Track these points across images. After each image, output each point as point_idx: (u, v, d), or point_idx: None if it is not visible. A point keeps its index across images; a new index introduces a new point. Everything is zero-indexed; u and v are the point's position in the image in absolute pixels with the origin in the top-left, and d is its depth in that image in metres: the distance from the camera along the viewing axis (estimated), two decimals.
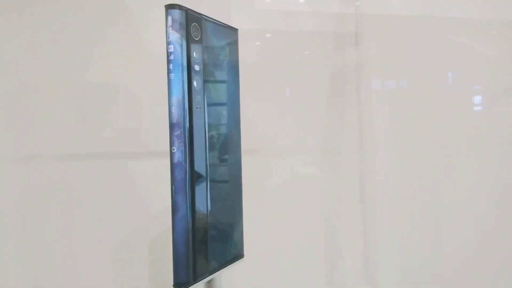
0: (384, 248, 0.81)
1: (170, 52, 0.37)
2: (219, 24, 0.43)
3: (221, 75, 0.43)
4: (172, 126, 0.37)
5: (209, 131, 0.40)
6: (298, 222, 0.77)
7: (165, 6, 0.36)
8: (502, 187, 0.82)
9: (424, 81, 0.81)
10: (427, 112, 0.81)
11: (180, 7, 0.36)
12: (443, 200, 0.81)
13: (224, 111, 0.43)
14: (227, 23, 0.44)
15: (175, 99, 0.37)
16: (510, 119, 0.82)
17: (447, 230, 0.81)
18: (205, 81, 0.40)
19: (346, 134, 0.80)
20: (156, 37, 0.52)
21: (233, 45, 0.45)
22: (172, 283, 0.39)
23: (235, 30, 0.46)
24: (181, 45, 0.36)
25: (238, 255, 0.46)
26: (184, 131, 0.37)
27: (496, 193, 0.82)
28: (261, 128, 0.50)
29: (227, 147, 0.44)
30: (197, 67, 0.38)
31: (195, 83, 0.38)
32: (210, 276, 0.41)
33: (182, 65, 0.37)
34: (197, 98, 0.38)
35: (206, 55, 0.40)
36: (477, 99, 0.83)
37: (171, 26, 0.36)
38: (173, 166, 0.37)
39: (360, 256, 0.81)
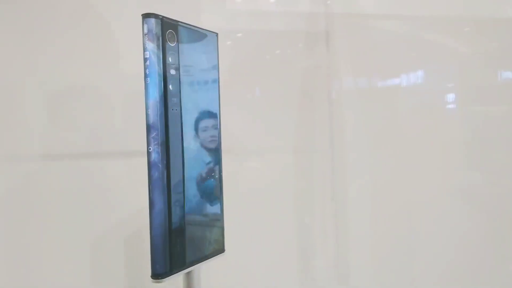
0: (356, 247, 0.84)
1: (146, 58, 0.42)
2: (196, 29, 0.48)
3: (200, 77, 0.48)
4: (148, 128, 0.43)
5: (186, 131, 0.45)
6: (271, 222, 0.81)
7: (142, 15, 0.42)
8: (476, 187, 0.86)
9: (396, 79, 0.85)
10: (399, 111, 0.84)
11: (156, 16, 0.42)
12: (415, 199, 0.84)
13: (202, 112, 0.48)
14: (203, 26, 0.49)
15: (151, 102, 0.42)
16: (484, 117, 0.85)
17: (420, 229, 0.85)
18: (182, 84, 0.45)
19: (317, 133, 0.84)
20: (131, 40, 0.57)
21: (212, 48, 0.50)
22: (149, 277, 0.44)
23: (214, 34, 0.51)
24: (157, 52, 0.42)
25: (219, 250, 0.52)
26: (160, 132, 0.42)
27: (469, 192, 0.85)
28: (232, 128, 0.54)
29: (206, 146, 0.49)
30: (172, 71, 0.43)
31: (170, 87, 0.43)
32: (188, 268, 0.46)
33: (157, 70, 0.42)
34: (173, 101, 0.43)
35: (182, 59, 0.45)
36: (450, 97, 0.86)
37: (146, 34, 0.42)
38: (150, 165, 0.43)
39: (332, 255, 0.84)
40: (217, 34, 0.51)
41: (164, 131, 0.43)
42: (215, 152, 0.51)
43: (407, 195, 0.85)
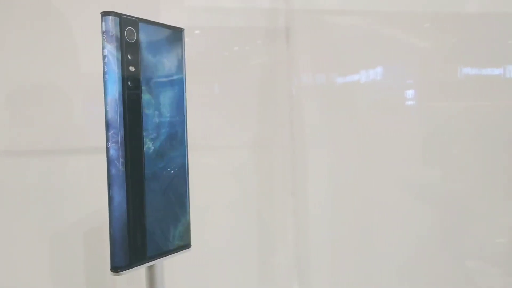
0: (315, 244, 0.87)
1: (104, 55, 0.44)
2: (159, 25, 0.50)
3: (162, 74, 0.50)
4: (107, 124, 0.45)
5: (147, 127, 0.48)
6: (230, 218, 0.83)
7: (101, 13, 0.44)
8: (434, 182, 0.88)
9: (356, 75, 0.86)
10: (358, 106, 0.86)
11: (115, 13, 0.44)
12: (375, 195, 0.86)
13: (165, 108, 0.51)
14: (168, 24, 0.51)
15: (110, 98, 0.45)
16: (443, 114, 0.87)
17: (379, 225, 0.87)
18: (143, 81, 0.47)
19: (277, 128, 0.86)
20: (91, 37, 0.59)
21: (177, 44, 0.52)
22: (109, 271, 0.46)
23: (179, 30, 0.53)
24: (115, 49, 0.44)
25: (184, 246, 0.54)
26: (118, 129, 0.45)
27: (427, 188, 0.88)
28: (191, 124, 0.56)
29: (169, 142, 0.51)
30: (132, 68, 0.46)
31: (129, 83, 0.46)
32: (149, 262, 0.49)
33: (116, 67, 0.44)
34: (132, 97, 0.46)
35: (143, 56, 0.47)
36: (410, 93, 0.88)
37: (105, 32, 0.44)
38: (108, 160, 0.45)
39: (292, 252, 0.87)
40: (182, 29, 0.53)
41: (123, 127, 0.45)
42: (181, 148, 0.53)
43: (366, 191, 0.87)
